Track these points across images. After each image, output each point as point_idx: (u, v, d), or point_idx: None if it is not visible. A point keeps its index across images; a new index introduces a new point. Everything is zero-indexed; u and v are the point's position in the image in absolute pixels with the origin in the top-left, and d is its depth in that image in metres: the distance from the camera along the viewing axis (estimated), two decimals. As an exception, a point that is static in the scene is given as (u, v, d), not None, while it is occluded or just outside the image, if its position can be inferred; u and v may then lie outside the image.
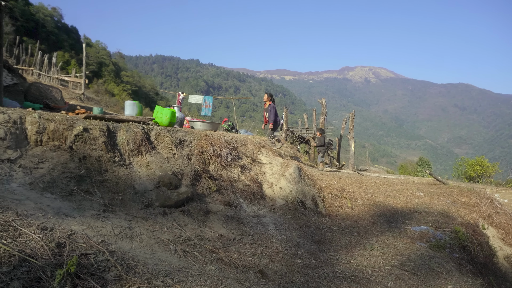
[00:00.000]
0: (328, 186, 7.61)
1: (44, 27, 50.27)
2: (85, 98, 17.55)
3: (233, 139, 6.54)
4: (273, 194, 5.94)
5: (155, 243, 3.32)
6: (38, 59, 22.13)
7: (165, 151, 5.15)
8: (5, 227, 2.58)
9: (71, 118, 4.65)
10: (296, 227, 5.05)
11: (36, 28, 47.05)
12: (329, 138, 24.60)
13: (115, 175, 4.27)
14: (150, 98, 66.60)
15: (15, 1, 41.98)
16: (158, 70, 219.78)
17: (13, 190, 3.32)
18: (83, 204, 3.56)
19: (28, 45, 25.75)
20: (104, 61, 60.54)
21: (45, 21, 52.09)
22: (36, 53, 22.68)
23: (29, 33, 41.60)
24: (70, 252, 2.57)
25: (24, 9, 46.41)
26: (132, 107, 6.38)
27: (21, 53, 22.93)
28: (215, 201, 4.91)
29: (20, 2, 45.58)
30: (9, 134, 3.94)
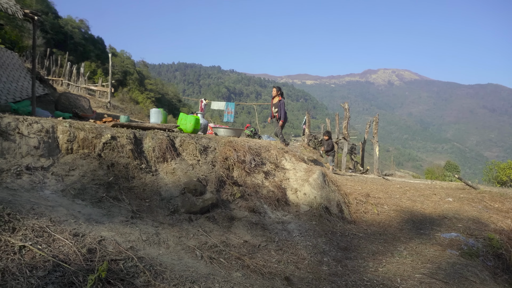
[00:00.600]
0: (353, 192, 7.48)
1: (72, 39, 52.21)
2: (111, 106, 18.04)
3: (256, 145, 6.55)
4: (297, 200, 5.89)
5: (181, 249, 3.36)
6: (67, 70, 22.98)
7: (189, 157, 5.21)
8: (40, 233, 2.67)
9: (100, 127, 4.79)
10: (321, 233, 4.99)
11: (65, 40, 48.94)
12: (352, 143, 24.24)
13: (142, 182, 4.35)
14: (173, 105, 67.77)
15: (46, 15, 43.85)
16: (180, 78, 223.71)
17: (47, 197, 3.44)
18: (112, 211, 3.65)
19: (58, 57, 26.82)
20: (128, 70, 62.16)
21: (73, 33, 54.09)
22: (65, 64, 23.57)
23: (59, 45, 43.31)
24: (100, 258, 2.63)
25: (54, 22, 48.38)
26: (157, 114, 6.52)
27: (52, 65, 23.90)
28: (240, 207, 4.92)
29: (50, 16, 47.57)
30: (42, 143, 4.10)
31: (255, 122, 18.13)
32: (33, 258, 2.41)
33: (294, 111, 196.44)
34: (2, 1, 6.66)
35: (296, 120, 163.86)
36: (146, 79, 70.85)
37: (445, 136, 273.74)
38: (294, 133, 51.84)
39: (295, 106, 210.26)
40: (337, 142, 20.23)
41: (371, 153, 34.05)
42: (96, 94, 21.29)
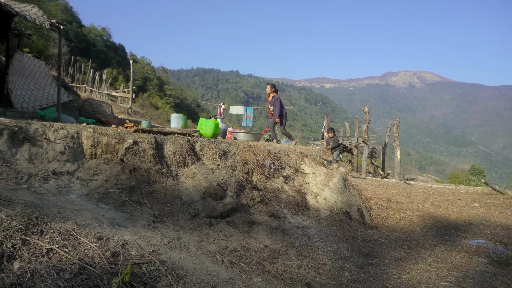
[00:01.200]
0: (374, 196, 7.36)
1: (95, 47, 53.75)
2: (132, 112, 18.42)
3: (275, 149, 6.54)
4: (317, 205, 5.84)
5: (202, 254, 3.38)
6: (90, 77, 23.65)
7: (209, 162, 5.25)
8: (66, 236, 2.74)
9: (122, 132, 4.90)
10: (342, 239, 4.92)
11: (88, 48, 50.43)
12: (373, 147, 23.88)
13: (163, 186, 4.41)
14: (192, 110, 68.59)
15: (70, 24, 45.32)
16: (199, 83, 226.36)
17: (72, 201, 3.54)
18: (134, 215, 3.71)
19: (81, 64, 27.61)
20: (148, 76, 63.38)
21: (95, 40, 55.70)
22: (88, 71, 24.27)
23: (82, 53, 44.65)
24: (124, 261, 2.68)
25: (78, 31, 49.96)
26: (178, 119, 6.61)
27: (75, 72, 24.64)
28: (259, 211, 4.91)
29: (74, 25, 49.14)
30: (68, 148, 4.22)
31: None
32: (60, 261, 2.47)
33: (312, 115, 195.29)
34: (31, 13, 6.92)
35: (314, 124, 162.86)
36: (166, 85, 72.03)
37: (470, 139, 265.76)
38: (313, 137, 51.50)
39: (314, 110, 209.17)
40: (356, 146, 19.97)
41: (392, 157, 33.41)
42: (118, 100, 21.79)
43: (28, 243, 2.53)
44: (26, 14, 6.82)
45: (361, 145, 18.75)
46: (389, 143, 19.66)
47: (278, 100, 9.04)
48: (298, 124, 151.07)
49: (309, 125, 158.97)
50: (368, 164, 20.94)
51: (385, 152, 21.11)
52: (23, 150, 3.93)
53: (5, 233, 2.51)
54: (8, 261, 2.35)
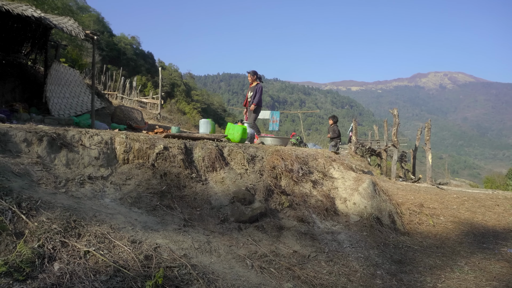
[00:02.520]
0: (405, 202, 7.15)
1: (125, 55, 55.56)
2: (161, 117, 18.86)
3: (303, 153, 6.50)
4: (347, 210, 5.75)
5: (232, 258, 3.40)
6: (120, 84, 24.44)
7: (238, 167, 5.29)
8: (102, 239, 2.83)
9: (153, 138, 5.02)
10: (373, 245, 4.81)
11: (118, 56, 52.19)
12: (402, 150, 23.26)
13: (193, 190, 4.48)
14: (218, 115, 69.38)
15: (102, 34, 47.10)
16: (225, 88, 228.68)
17: (106, 205, 3.65)
18: (166, 219, 3.79)
19: (113, 72, 28.61)
20: (176, 82, 64.73)
21: (125, 49, 57.57)
22: (119, 78, 25.09)
23: (113, 61, 46.26)
24: (156, 265, 2.74)
25: (109, 40, 51.82)
26: (206, 125, 6.71)
27: (107, 80, 25.56)
28: (288, 216, 4.89)
29: (105, 35, 51.03)
30: (102, 154, 4.37)
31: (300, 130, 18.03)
32: (96, 263, 2.56)
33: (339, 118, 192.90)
34: (67, 25, 7.25)
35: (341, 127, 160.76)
36: (193, 90, 73.28)
37: (506, 142, 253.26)
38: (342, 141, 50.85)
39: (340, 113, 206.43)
40: (386, 150, 19.53)
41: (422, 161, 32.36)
42: (147, 106, 22.37)
43: (66, 245, 2.64)
44: (63, 26, 7.15)
45: (391, 149, 18.30)
46: (419, 146, 19.07)
47: (261, 90, 8.60)
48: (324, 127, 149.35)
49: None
50: (398, 168, 20.39)
51: (415, 155, 20.49)
52: (61, 155, 4.10)
53: (46, 235, 2.63)
54: (49, 262, 2.46)
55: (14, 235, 2.59)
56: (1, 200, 2.79)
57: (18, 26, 9.42)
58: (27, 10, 6.97)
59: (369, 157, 21.31)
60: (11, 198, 2.87)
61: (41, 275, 2.35)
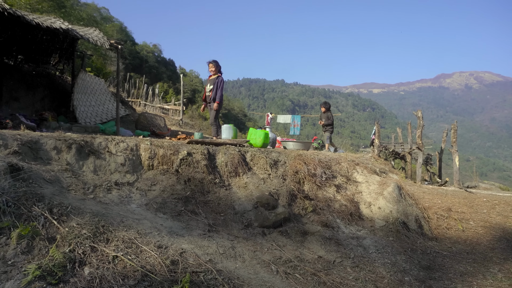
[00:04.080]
0: (432, 206, 6.95)
1: (147, 62, 56.77)
2: (183, 123, 19.12)
3: (326, 157, 6.44)
4: (372, 215, 5.64)
5: (257, 264, 3.39)
6: (143, 91, 24.96)
7: (260, 171, 5.29)
8: (129, 244, 2.88)
9: (176, 144, 5.10)
10: (400, 250, 4.70)
11: (140, 64, 53.37)
12: (427, 153, 22.66)
13: (216, 196, 4.51)
14: (239, 120, 69.68)
15: (125, 43, 48.36)
16: (245, 93, 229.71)
17: (133, 210, 3.72)
18: (190, 224, 3.82)
19: (136, 80, 29.27)
20: (197, 88, 65.50)
21: (147, 57, 58.83)
22: (142, 86, 25.65)
23: (135, 69, 47.32)
24: (182, 270, 2.76)
25: (131, 49, 53.11)
26: (228, 130, 6.76)
27: (130, 87, 26.17)
28: (312, 221, 4.84)
29: (128, 43, 52.32)
30: (128, 160, 4.47)
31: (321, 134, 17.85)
32: (124, 268, 2.61)
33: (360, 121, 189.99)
34: (93, 35, 7.50)
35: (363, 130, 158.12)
36: (213, 96, 73.87)
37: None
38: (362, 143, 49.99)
39: (362, 116, 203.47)
40: (410, 153, 19.08)
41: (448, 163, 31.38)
42: (170, 112, 22.76)
43: (96, 250, 2.70)
44: (89, 37, 7.39)
45: (415, 152, 17.87)
46: (445, 149, 18.54)
47: (222, 83, 7.45)
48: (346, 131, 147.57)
49: (357, 132, 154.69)
50: (423, 171, 19.88)
51: (441, 158, 19.91)
52: (88, 162, 4.22)
53: (76, 240, 2.70)
54: (80, 267, 2.53)
55: (46, 240, 2.68)
56: (34, 206, 2.90)
57: (47, 38, 9.81)
58: (55, 22, 7.24)
59: (392, 160, 20.89)
60: (43, 204, 2.96)
61: (72, 279, 2.42)
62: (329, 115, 10.52)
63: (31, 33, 9.34)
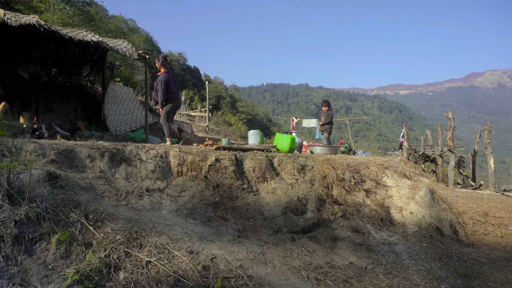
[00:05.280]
0: (467, 210, 6.69)
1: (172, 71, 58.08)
2: (209, 129, 19.38)
3: (354, 161, 6.34)
4: (403, 220, 5.49)
5: (287, 269, 3.36)
6: (170, 99, 25.57)
7: (288, 177, 5.27)
8: (161, 250, 2.93)
9: (205, 150, 5.16)
10: (435, 257, 4.53)
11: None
12: (459, 155, 21.87)
13: (245, 201, 4.53)
14: (263, 125, 69.81)
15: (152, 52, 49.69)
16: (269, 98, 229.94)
17: (164, 216, 3.79)
18: (220, 230, 3.85)
19: (162, 88, 29.98)
20: (221, 95, 66.30)
21: (173, 65, 60.22)
22: (168, 94, 26.28)
23: (162, 78, 48.41)
24: (214, 275, 2.78)
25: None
26: (255, 136, 6.79)
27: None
28: (341, 227, 4.77)
29: (154, 53, 53.72)
30: (158, 167, 4.57)
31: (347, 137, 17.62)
32: (157, 273, 2.65)
33: (387, 124, 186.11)
34: (122, 46, 7.75)
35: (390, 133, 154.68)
36: (238, 102, 74.57)
37: None
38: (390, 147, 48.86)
39: (389, 119, 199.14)
40: (441, 155, 18.48)
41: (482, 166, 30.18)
42: (196, 119, 23.12)
43: (130, 255, 2.76)
44: (119, 48, 7.65)
45: (447, 154, 17.28)
46: (479, 150, 17.83)
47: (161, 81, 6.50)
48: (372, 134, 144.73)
49: (384, 135, 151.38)
50: (456, 175, 19.19)
51: (475, 160, 19.16)
52: (120, 169, 4.34)
53: (111, 245, 2.78)
54: (115, 271, 2.59)
55: (83, 245, 2.77)
56: (71, 213, 3.00)
57: (79, 51, 10.23)
58: (87, 35, 7.54)
59: (422, 164, 20.27)
60: (79, 210, 3.07)
61: (108, 283, 2.48)
62: (329, 113, 10.10)
63: (64, 46, 9.76)
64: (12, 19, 6.38)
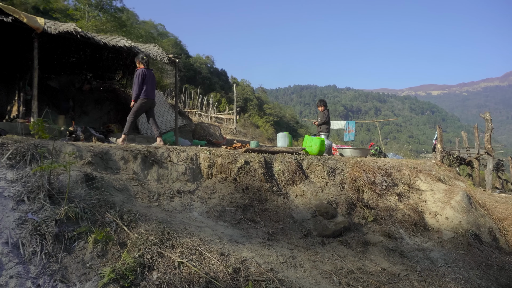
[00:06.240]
0: (508, 216, 6.35)
1: (200, 74, 58.97)
2: (237, 132, 19.50)
3: (386, 165, 6.18)
4: (438, 225, 5.29)
5: (318, 274, 3.32)
6: (198, 102, 25.91)
7: (317, 179, 5.21)
8: (193, 251, 2.97)
9: (234, 152, 5.19)
10: (473, 265, 4.34)
11: (194, 76, 55.56)
12: (498, 158, 20.85)
13: (274, 204, 4.51)
14: (290, 127, 69.45)
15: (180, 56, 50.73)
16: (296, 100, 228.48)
17: (195, 218, 3.84)
18: (250, 232, 3.85)
19: (190, 91, 30.48)
20: (248, 97, 66.58)
21: (201, 68, 61.11)
22: (197, 97, 26.64)
23: (190, 80, 49.30)
24: (245, 278, 2.78)
25: (186, 61, 55.51)
26: (284, 138, 6.77)
27: (186, 98, 27.30)
28: (373, 231, 4.65)
29: (182, 56, 54.79)
30: (188, 169, 4.63)
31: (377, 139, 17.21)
32: (189, 274, 2.68)
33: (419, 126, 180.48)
34: (153, 51, 7.95)
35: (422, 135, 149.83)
36: (265, 104, 74.62)
37: None
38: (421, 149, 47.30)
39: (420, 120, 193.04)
40: (477, 158, 17.69)
41: (523, 169, 28.53)
42: (224, 122, 23.33)
43: (162, 255, 2.82)
44: (150, 52, 7.84)
45: (484, 157, 16.52)
46: (520, 153, 16.93)
47: (137, 77, 6.33)
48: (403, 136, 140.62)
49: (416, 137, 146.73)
50: (494, 178, 18.30)
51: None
52: (152, 171, 4.44)
53: (145, 246, 2.84)
54: (148, 271, 2.65)
55: (118, 244, 2.85)
56: (107, 213, 3.10)
57: (112, 56, 10.57)
58: (120, 41, 7.79)
59: (457, 167, 19.48)
60: (114, 211, 3.16)
61: (142, 283, 2.54)
62: (325, 113, 9.46)
63: (99, 52, 10.12)
64: (52, 27, 6.68)
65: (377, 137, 16.94)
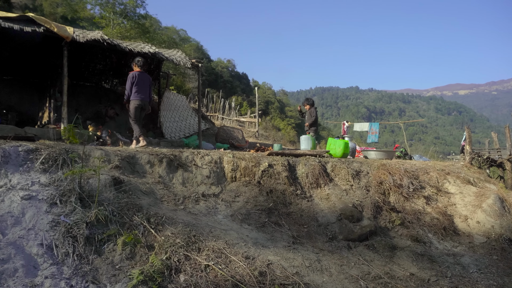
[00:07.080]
0: (544, 221, 6.07)
1: (221, 77, 59.50)
2: (259, 135, 19.53)
3: (412, 167, 6.03)
4: (469, 230, 5.11)
5: (344, 278, 3.27)
6: (220, 105, 26.14)
7: (342, 182, 5.15)
8: (218, 254, 2.98)
9: (257, 156, 5.20)
10: (508, 271, 4.16)
11: (216, 80, 56.10)
12: (531, 159, 19.91)
13: (299, 207, 4.49)
14: (312, 130, 68.79)
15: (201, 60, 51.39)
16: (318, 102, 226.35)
17: (219, 221, 3.87)
18: (275, 236, 3.84)
19: (212, 95, 30.81)
20: (270, 100, 66.57)
21: (222, 72, 61.68)
22: (218, 100, 26.89)
23: (211, 84, 49.81)
24: (270, 281, 2.77)
25: (207, 66, 56.16)
26: (307, 141, 6.73)
27: (208, 102, 27.60)
28: (400, 235, 4.55)
29: (204, 60, 55.39)
30: (212, 173, 4.67)
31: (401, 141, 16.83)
32: (215, 277, 2.70)
33: (445, 126, 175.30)
34: (176, 56, 8.10)
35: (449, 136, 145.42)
36: (286, 107, 74.38)
37: None
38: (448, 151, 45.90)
39: (447, 121, 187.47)
40: (509, 159, 16.99)
41: (558, 171, 27.13)
42: (246, 125, 23.42)
43: (189, 258, 2.85)
44: (173, 58, 8.00)
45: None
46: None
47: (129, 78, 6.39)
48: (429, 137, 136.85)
49: (442, 138, 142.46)
50: (527, 181, 17.49)
51: (550, 165, 17.34)
52: (177, 175, 4.51)
53: (172, 248, 2.88)
54: (176, 274, 2.68)
55: (146, 247, 2.90)
56: (135, 216, 3.17)
57: (137, 62, 10.82)
58: (144, 47, 7.98)
59: (487, 169, 18.74)
60: (142, 214, 3.23)
61: (170, 285, 2.58)
62: (312, 111, 8.97)
63: (124, 58, 10.39)
64: (80, 36, 6.94)
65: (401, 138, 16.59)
